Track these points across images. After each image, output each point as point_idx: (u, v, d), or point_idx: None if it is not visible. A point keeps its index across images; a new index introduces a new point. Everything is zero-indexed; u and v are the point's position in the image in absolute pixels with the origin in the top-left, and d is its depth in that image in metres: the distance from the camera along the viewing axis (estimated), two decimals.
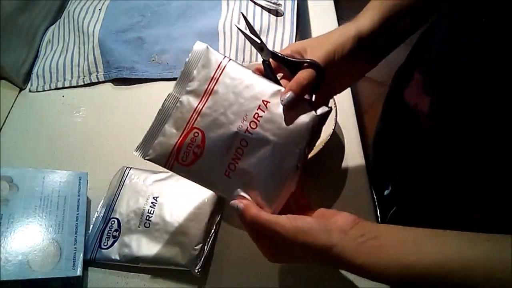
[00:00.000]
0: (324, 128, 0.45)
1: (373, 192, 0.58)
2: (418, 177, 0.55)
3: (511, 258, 0.30)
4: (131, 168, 0.61)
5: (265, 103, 0.40)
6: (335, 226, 0.37)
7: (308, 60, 0.40)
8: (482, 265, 0.31)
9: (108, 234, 0.55)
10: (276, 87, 0.41)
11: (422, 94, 0.49)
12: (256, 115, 0.40)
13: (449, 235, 0.34)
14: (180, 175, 0.42)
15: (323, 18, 0.82)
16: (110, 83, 0.79)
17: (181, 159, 0.41)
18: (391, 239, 0.35)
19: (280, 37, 0.76)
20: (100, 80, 0.79)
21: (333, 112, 0.58)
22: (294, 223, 0.37)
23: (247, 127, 0.40)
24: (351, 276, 0.51)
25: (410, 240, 0.35)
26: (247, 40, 0.45)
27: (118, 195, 0.58)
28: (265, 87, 0.40)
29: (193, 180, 0.42)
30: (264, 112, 0.40)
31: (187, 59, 0.42)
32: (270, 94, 0.40)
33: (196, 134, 0.41)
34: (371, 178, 0.59)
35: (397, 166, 0.63)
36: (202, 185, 0.42)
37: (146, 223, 0.55)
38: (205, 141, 0.41)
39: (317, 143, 0.57)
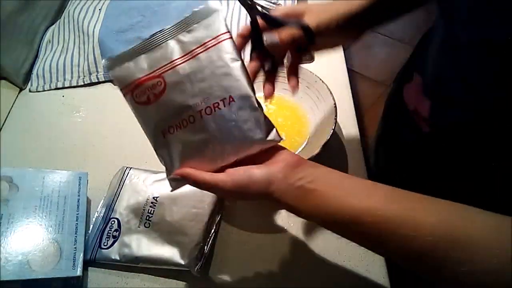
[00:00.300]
0: (324, 128, 0.45)
1: None
2: (417, 178, 0.55)
3: (423, 218, 0.32)
4: (131, 168, 0.61)
5: (230, 99, 0.40)
6: (278, 169, 0.38)
7: (300, 25, 0.42)
8: (392, 219, 0.33)
9: (108, 234, 0.55)
10: (249, 91, 0.40)
11: (422, 96, 0.49)
12: (217, 104, 0.40)
13: (379, 189, 0.36)
14: (128, 105, 0.43)
15: None
16: (110, 83, 0.79)
17: (135, 95, 0.42)
18: (325, 184, 0.37)
19: None
20: (100, 80, 0.79)
21: (333, 112, 0.58)
22: (233, 178, 0.39)
23: (202, 109, 0.40)
24: (351, 277, 0.51)
25: (344, 189, 0.37)
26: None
27: (118, 195, 0.58)
28: (240, 86, 0.40)
29: (136, 118, 0.43)
30: (224, 107, 0.40)
31: (196, 9, 0.41)
32: (240, 95, 0.40)
33: (159, 83, 0.41)
34: (371, 178, 0.59)
35: (397, 167, 0.63)
36: (141, 127, 0.43)
37: (146, 223, 0.55)
38: (162, 94, 0.41)
39: (317, 143, 0.57)
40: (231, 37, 0.41)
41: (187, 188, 0.57)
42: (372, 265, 0.52)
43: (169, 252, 0.52)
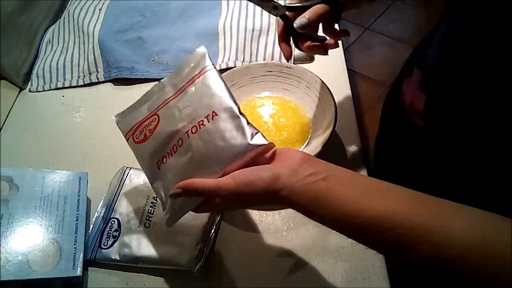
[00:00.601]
0: (324, 128, 0.45)
1: None
2: (415, 177, 0.56)
3: (449, 225, 0.30)
4: (131, 168, 0.61)
5: (214, 114, 0.41)
6: (285, 165, 0.36)
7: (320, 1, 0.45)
8: (418, 226, 0.31)
9: (108, 234, 0.55)
10: (231, 103, 0.42)
11: (419, 91, 0.49)
12: (201, 122, 0.41)
13: (397, 191, 0.34)
14: (131, 149, 0.48)
15: None
16: (110, 83, 0.79)
17: (135, 136, 0.46)
18: (340, 183, 0.35)
19: None
20: (100, 80, 0.79)
21: (333, 112, 0.58)
22: (238, 179, 0.37)
23: (189, 129, 0.42)
24: (351, 277, 0.51)
25: (359, 188, 0.34)
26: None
27: (118, 195, 0.58)
28: (222, 101, 0.42)
29: (136, 158, 0.47)
30: (208, 122, 0.41)
31: (185, 58, 0.46)
32: (222, 108, 0.41)
33: (154, 119, 0.45)
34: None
35: (396, 166, 0.63)
36: (140, 166, 0.47)
37: (146, 223, 0.55)
38: (156, 127, 0.44)
39: (317, 143, 0.57)
40: (214, 68, 0.44)
41: None
42: (373, 265, 0.52)
43: (169, 252, 0.52)
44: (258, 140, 0.40)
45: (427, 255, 0.30)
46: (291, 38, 0.52)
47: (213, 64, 0.45)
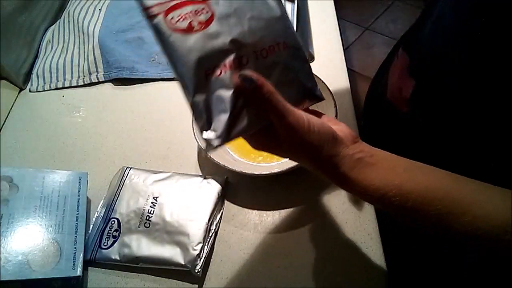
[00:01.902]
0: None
1: None
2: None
3: (488, 199, 0.32)
4: (131, 168, 0.61)
5: (285, 46, 0.36)
6: (339, 136, 0.37)
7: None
8: (460, 199, 0.32)
9: (108, 234, 0.55)
10: (301, 45, 0.37)
11: (407, 76, 0.49)
12: (272, 48, 0.36)
13: (435, 170, 0.35)
14: (152, 31, 0.33)
15: (323, 18, 0.82)
16: (110, 83, 0.79)
17: (171, 18, 0.33)
18: (385, 160, 0.36)
19: None
20: (100, 80, 0.79)
21: (333, 112, 0.58)
22: (312, 121, 0.34)
23: (257, 51, 0.35)
24: (351, 276, 0.51)
25: (402, 166, 0.36)
26: None
27: (118, 195, 0.58)
28: (293, 36, 0.37)
29: (165, 49, 0.33)
30: (279, 50, 0.36)
31: None
32: (293, 45, 0.37)
33: (204, 10, 0.34)
34: None
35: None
36: (171, 63, 0.34)
37: (146, 223, 0.55)
38: (209, 24, 0.33)
39: None
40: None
41: (187, 188, 0.57)
42: (373, 265, 0.52)
43: (169, 252, 0.52)
44: (320, 93, 0.39)
45: (468, 228, 0.32)
46: None
47: None
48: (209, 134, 0.34)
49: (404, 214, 0.35)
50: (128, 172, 0.60)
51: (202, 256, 0.52)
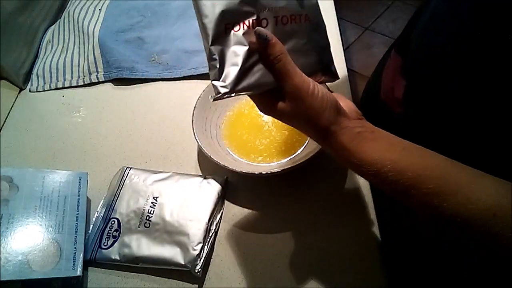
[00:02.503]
0: None
1: (373, 190, 0.58)
2: None
3: (481, 182, 0.33)
4: (131, 168, 0.61)
5: (307, 18, 0.39)
6: (342, 108, 0.38)
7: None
8: (454, 180, 0.33)
9: (108, 234, 0.55)
10: (324, 23, 0.40)
11: (399, 77, 0.49)
12: (293, 17, 0.38)
13: (433, 153, 0.36)
14: None
15: None
16: (110, 83, 0.79)
17: None
18: (385, 138, 0.38)
19: None
20: (100, 80, 0.79)
21: None
22: (317, 86, 0.37)
23: (279, 16, 0.38)
24: (351, 276, 0.51)
25: (401, 145, 0.37)
26: None
27: (118, 195, 0.58)
28: (317, 11, 0.40)
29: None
30: (300, 22, 0.38)
31: None
32: (316, 21, 0.40)
33: None
34: None
35: None
36: (198, 10, 0.37)
37: (146, 223, 0.55)
38: None
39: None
40: None
41: (187, 188, 0.57)
42: (373, 265, 0.52)
43: (169, 252, 0.52)
44: (336, 70, 0.41)
45: (457, 209, 0.32)
46: None
47: None
48: (219, 83, 0.36)
49: (397, 190, 0.36)
50: (128, 172, 0.60)
51: (202, 256, 0.52)
